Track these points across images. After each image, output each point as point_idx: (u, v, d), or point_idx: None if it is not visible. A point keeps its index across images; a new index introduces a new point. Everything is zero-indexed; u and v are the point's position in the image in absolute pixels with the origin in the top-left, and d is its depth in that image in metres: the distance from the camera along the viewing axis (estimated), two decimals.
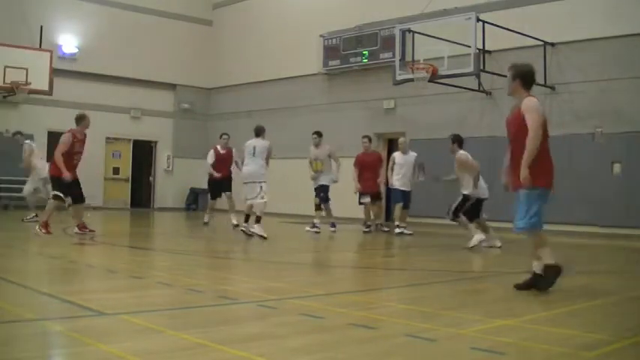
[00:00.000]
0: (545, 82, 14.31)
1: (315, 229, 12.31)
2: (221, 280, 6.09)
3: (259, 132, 11.09)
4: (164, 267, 7.27)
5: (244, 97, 21.61)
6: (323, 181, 12.61)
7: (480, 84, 14.62)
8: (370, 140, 13.57)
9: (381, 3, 17.57)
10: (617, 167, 13.50)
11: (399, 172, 12.54)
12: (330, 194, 12.77)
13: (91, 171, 19.92)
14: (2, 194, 18.45)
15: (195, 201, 22.00)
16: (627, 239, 12.48)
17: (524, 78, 5.82)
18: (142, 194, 22.15)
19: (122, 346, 3.35)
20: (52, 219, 9.98)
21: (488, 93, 15.18)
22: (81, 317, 4.12)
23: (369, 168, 12.99)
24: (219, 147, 13.53)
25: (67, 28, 20.01)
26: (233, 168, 13.44)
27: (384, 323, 4.19)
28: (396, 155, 12.77)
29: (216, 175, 13.14)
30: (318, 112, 19.10)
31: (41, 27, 18.48)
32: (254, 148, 10.76)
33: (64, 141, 9.85)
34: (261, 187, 10.49)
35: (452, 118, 15.60)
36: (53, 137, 19.87)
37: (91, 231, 10.00)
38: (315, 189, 12.78)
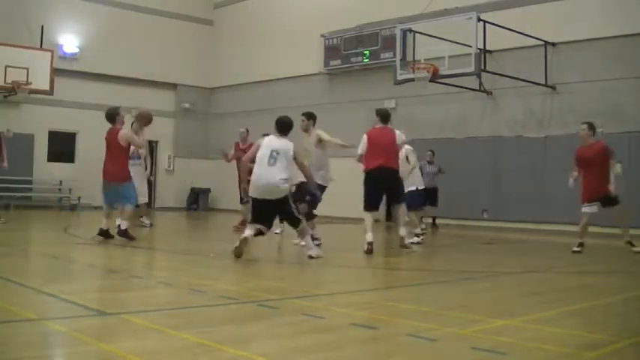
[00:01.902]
0: (546, 81, 14.31)
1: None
2: (221, 280, 6.09)
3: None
4: (165, 267, 7.27)
5: (245, 97, 21.61)
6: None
7: (480, 84, 14.62)
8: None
9: (382, 3, 17.57)
10: (618, 167, 13.47)
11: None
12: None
13: (91, 171, 19.99)
14: (3, 194, 18.44)
15: (195, 201, 22.01)
16: None
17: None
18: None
19: (123, 346, 3.35)
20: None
21: (489, 93, 15.18)
22: (82, 317, 4.12)
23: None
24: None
25: (67, 28, 20.03)
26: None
27: (384, 323, 4.19)
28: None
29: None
30: (318, 112, 18.81)
31: (42, 27, 18.50)
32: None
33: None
34: None
35: (453, 118, 15.61)
36: (54, 137, 19.95)
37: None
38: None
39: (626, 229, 9.60)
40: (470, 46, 12.93)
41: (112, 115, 9.25)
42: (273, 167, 7.48)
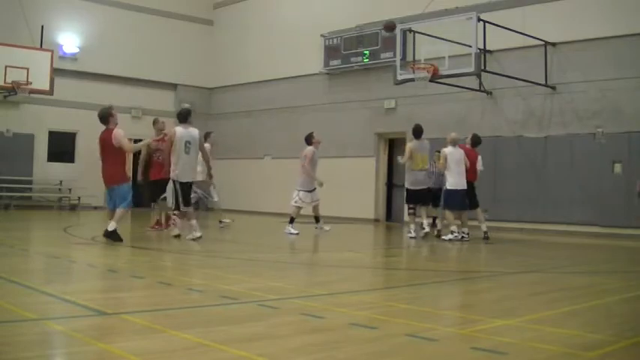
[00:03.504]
0: (546, 82, 14.31)
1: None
2: (221, 280, 6.09)
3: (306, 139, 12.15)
4: (165, 267, 7.27)
5: (245, 97, 21.62)
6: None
7: (480, 84, 14.62)
8: None
9: (382, 3, 17.57)
10: (617, 167, 13.50)
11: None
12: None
13: (91, 171, 19.99)
14: (3, 194, 18.45)
15: (196, 201, 21.98)
16: (628, 239, 12.48)
17: None
18: (142, 194, 22.12)
19: (123, 346, 3.35)
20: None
21: (489, 93, 15.18)
22: (82, 317, 4.12)
23: None
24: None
25: (67, 28, 20.03)
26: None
27: (384, 323, 4.19)
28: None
29: None
30: (319, 112, 19.10)
31: (42, 27, 18.49)
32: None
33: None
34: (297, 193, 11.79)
35: (453, 118, 15.59)
36: (54, 137, 19.95)
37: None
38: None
39: None
40: (470, 46, 12.93)
41: (106, 116, 8.93)
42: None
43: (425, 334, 3.80)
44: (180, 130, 9.69)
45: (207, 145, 13.52)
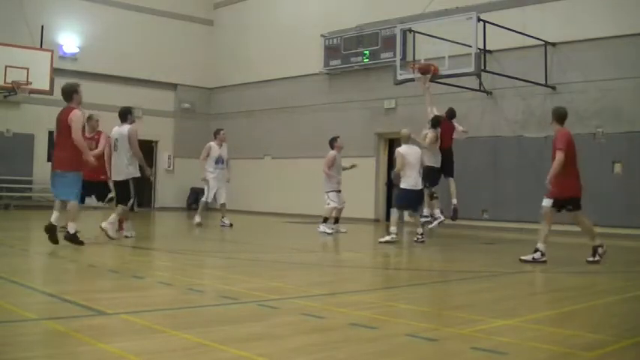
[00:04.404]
0: (546, 82, 14.31)
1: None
2: (221, 280, 6.09)
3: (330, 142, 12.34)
4: (165, 267, 7.27)
5: (245, 97, 21.62)
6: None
7: (480, 84, 14.62)
8: None
9: (382, 3, 17.57)
10: (617, 167, 13.50)
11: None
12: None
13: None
14: (3, 194, 18.45)
15: (195, 201, 21.96)
16: (628, 239, 12.47)
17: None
18: (142, 194, 22.12)
19: (123, 346, 3.36)
20: None
21: (489, 93, 15.18)
22: (82, 317, 4.12)
23: None
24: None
25: (67, 28, 20.03)
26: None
27: (384, 323, 4.19)
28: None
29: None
30: (319, 112, 19.11)
31: (42, 27, 18.49)
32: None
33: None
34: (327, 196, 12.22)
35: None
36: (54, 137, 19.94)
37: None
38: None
39: None
40: (470, 46, 12.93)
41: (70, 92, 8.12)
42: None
43: (425, 334, 3.80)
44: (114, 129, 9.79)
45: (212, 144, 13.71)
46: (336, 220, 12.56)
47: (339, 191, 12.41)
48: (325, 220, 12.25)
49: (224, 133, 14.00)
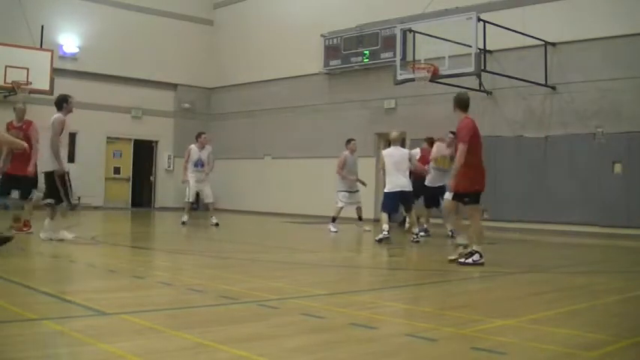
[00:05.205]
0: (546, 82, 14.31)
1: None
2: (221, 280, 6.09)
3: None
4: (165, 267, 7.27)
5: (245, 97, 21.62)
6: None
7: (480, 84, 14.61)
8: None
9: (382, 3, 17.57)
10: (617, 167, 13.50)
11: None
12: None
13: (92, 171, 20.01)
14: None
15: (195, 201, 21.97)
16: (628, 239, 12.48)
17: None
18: (142, 194, 22.15)
19: (122, 346, 3.36)
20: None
21: (489, 93, 15.18)
22: (81, 317, 4.12)
23: None
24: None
25: (67, 28, 20.03)
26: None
27: (384, 323, 4.19)
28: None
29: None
30: (318, 112, 19.11)
31: (42, 27, 18.49)
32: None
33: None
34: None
35: (452, 118, 15.53)
36: None
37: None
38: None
39: None
40: (470, 46, 12.93)
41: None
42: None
43: (425, 334, 3.80)
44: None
45: (193, 147, 13.76)
46: (360, 218, 13.11)
47: (353, 192, 12.92)
48: (334, 219, 12.66)
49: (205, 137, 14.07)
